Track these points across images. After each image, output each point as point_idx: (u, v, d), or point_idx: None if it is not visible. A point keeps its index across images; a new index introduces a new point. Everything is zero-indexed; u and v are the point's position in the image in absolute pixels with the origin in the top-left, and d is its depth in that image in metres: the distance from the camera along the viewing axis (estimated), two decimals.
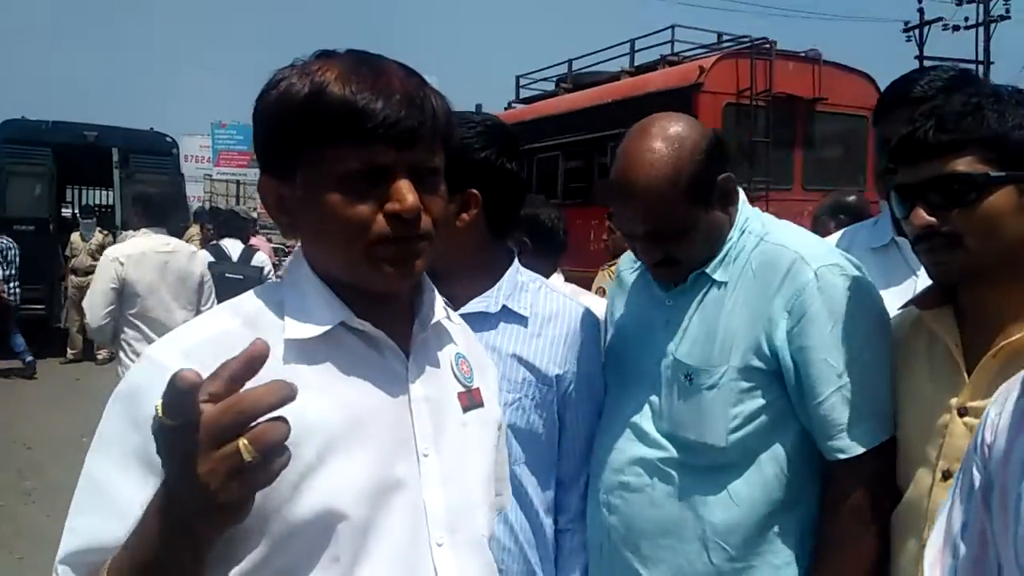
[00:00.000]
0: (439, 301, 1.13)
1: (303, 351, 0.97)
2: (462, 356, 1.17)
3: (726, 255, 1.57)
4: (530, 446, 1.64)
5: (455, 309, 1.65)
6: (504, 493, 1.31)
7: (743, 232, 1.58)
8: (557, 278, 2.83)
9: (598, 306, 2.67)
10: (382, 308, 1.04)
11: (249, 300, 1.03)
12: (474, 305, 1.64)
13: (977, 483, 1.00)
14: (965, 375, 1.34)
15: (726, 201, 1.57)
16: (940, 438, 1.35)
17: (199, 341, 0.94)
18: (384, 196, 0.96)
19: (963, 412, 1.33)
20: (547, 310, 1.70)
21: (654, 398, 1.60)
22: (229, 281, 5.49)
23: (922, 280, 1.66)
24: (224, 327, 0.97)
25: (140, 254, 4.63)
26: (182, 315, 4.55)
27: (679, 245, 1.54)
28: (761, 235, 1.57)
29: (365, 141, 0.93)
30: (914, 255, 1.80)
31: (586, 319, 1.74)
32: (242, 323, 0.98)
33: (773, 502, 1.50)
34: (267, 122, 0.98)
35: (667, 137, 1.51)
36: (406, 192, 0.95)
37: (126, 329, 4.55)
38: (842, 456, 1.45)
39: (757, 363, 1.49)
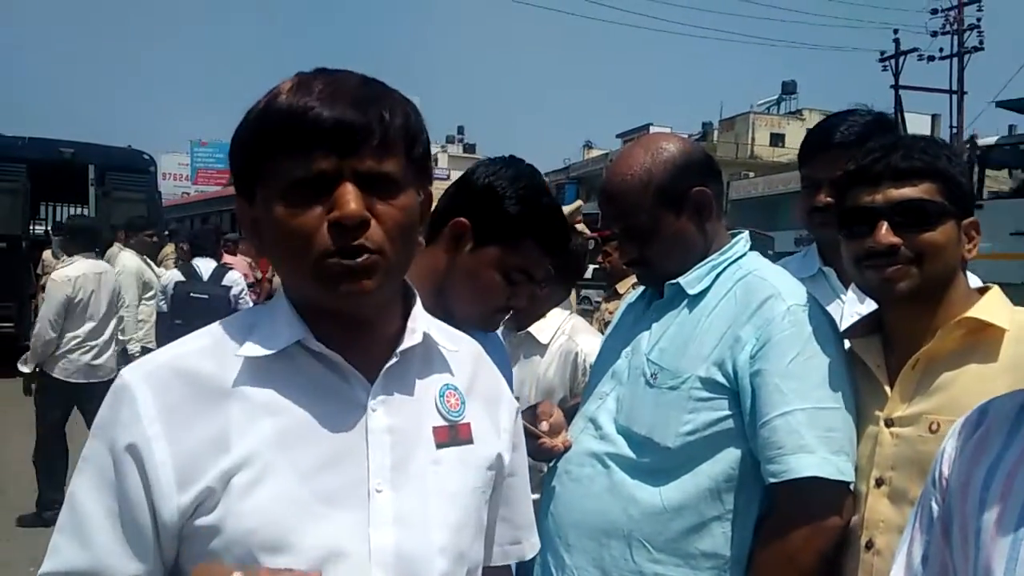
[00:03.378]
0: (421, 326, 1.05)
1: (256, 371, 0.96)
2: (452, 388, 1.08)
3: (705, 272, 1.64)
4: None
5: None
6: (525, 541, 1.23)
7: (733, 261, 1.66)
8: (562, 312, 2.68)
9: (597, 345, 2.54)
10: (355, 332, 0.99)
11: (225, 321, 1.04)
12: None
13: (936, 515, 1.02)
14: (887, 389, 1.45)
15: (700, 214, 1.65)
16: (871, 449, 1.45)
17: (162, 362, 0.97)
18: (329, 206, 0.92)
19: (889, 423, 1.44)
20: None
21: (618, 393, 1.66)
22: (194, 300, 5.48)
23: (848, 305, 1.85)
24: (190, 347, 0.99)
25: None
26: None
27: (648, 246, 1.66)
28: (751, 270, 1.64)
29: (306, 148, 0.91)
30: (839, 282, 1.97)
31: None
32: (207, 344, 0.99)
33: (702, 514, 1.52)
34: (232, 144, 0.99)
35: (649, 147, 1.66)
36: (348, 198, 0.91)
37: None
38: (774, 480, 1.47)
39: (719, 378, 1.53)
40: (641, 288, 1.87)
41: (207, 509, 0.90)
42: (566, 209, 2.04)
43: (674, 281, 1.65)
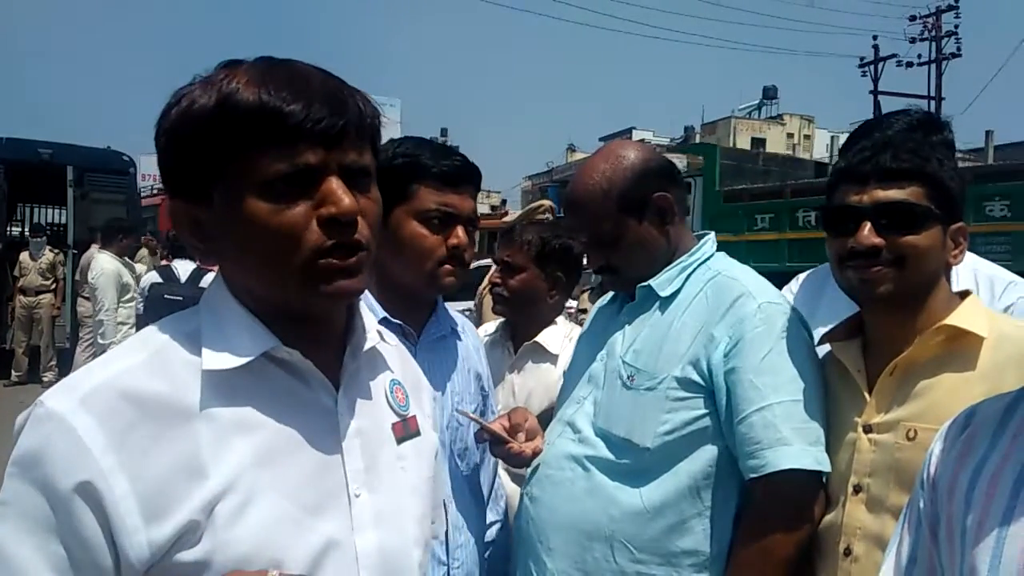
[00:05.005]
0: (372, 325, 1.06)
1: (222, 386, 0.89)
2: (397, 383, 1.11)
3: (675, 273, 1.67)
4: (480, 451, 1.78)
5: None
6: (438, 520, 1.26)
7: (702, 262, 1.70)
8: (566, 321, 2.64)
9: None
10: (310, 334, 0.96)
11: (160, 330, 0.94)
12: (436, 330, 1.74)
13: (924, 517, 1.03)
14: (866, 395, 1.44)
15: (663, 219, 1.68)
16: (849, 455, 1.44)
17: (97, 384, 0.86)
18: (315, 201, 0.88)
19: (868, 429, 1.43)
20: (457, 321, 1.83)
21: (596, 396, 1.67)
22: (168, 302, 5.40)
23: None
24: (127, 364, 0.89)
25: None
26: None
27: (614, 252, 1.69)
28: (720, 270, 1.67)
29: (289, 141, 0.86)
30: None
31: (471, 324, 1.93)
32: (148, 357, 0.90)
33: (682, 512, 1.54)
34: (172, 141, 0.90)
35: (609, 157, 1.69)
36: (340, 193, 0.88)
37: None
38: (754, 475, 1.49)
39: (695, 377, 1.55)
40: (612, 292, 1.88)
41: (190, 542, 0.83)
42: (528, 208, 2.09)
43: (645, 284, 1.68)
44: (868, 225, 1.38)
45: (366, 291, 1.03)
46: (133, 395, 0.85)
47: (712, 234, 1.79)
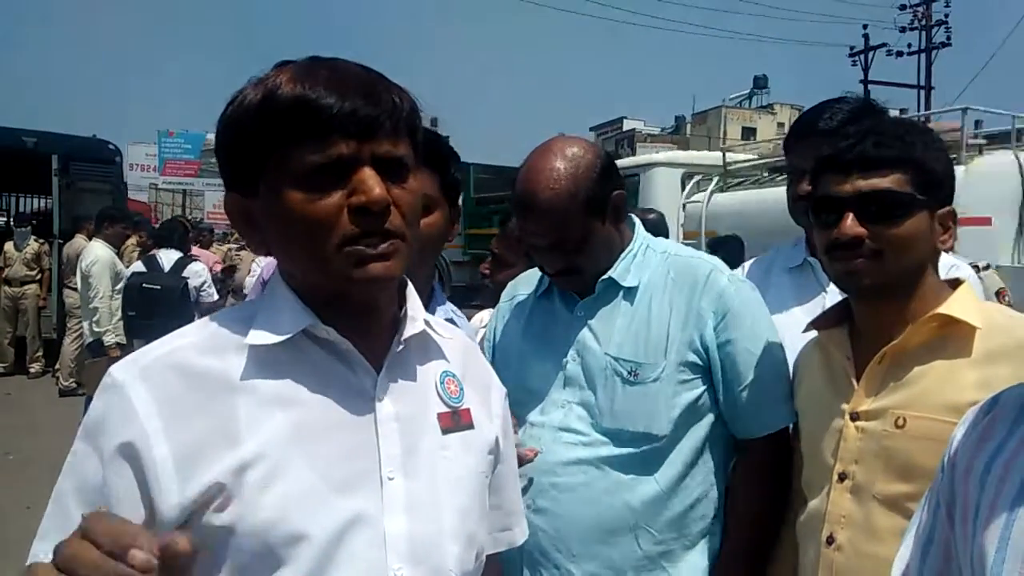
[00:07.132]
0: (421, 314, 1.07)
1: (264, 361, 0.95)
2: (450, 374, 1.11)
3: (631, 264, 1.68)
4: None
5: None
6: (515, 527, 1.25)
7: (647, 247, 1.72)
8: None
9: None
10: (361, 320, 1.00)
11: (221, 314, 1.02)
12: (441, 313, 1.73)
13: (942, 499, 1.03)
14: (855, 382, 1.43)
15: (617, 216, 1.68)
16: (835, 443, 1.43)
17: (155, 358, 0.94)
18: (349, 191, 0.92)
19: (855, 417, 1.42)
20: (448, 309, 1.81)
21: (585, 398, 1.64)
22: (146, 291, 5.35)
23: (831, 296, 1.78)
24: (184, 342, 0.96)
25: None
26: None
27: (580, 255, 1.64)
28: (667, 251, 1.72)
29: (322, 134, 0.90)
30: (824, 274, 1.90)
31: None
32: (204, 337, 0.97)
33: (689, 485, 1.62)
34: (225, 137, 0.96)
35: (566, 156, 1.62)
36: (371, 183, 0.91)
37: None
38: (761, 433, 1.63)
39: (693, 357, 1.61)
40: (528, 289, 1.83)
41: (219, 505, 0.88)
42: None
43: (606, 276, 1.66)
44: (851, 216, 1.36)
45: None
46: (184, 369, 0.93)
47: (637, 219, 1.80)
